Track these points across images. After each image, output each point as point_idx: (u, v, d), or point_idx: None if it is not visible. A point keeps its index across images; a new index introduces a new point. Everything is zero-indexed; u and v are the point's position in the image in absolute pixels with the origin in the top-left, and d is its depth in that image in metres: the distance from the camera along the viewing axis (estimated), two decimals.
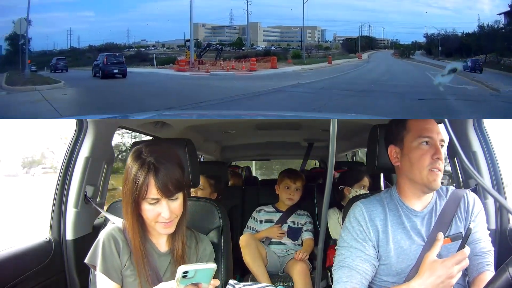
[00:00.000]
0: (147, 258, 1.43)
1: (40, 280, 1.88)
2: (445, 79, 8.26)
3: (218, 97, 6.20)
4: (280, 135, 3.90)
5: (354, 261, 1.46)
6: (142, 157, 1.37)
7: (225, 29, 14.10)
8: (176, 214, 1.41)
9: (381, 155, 1.70)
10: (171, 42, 13.77)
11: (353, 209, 1.56)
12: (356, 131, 3.51)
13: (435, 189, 1.50)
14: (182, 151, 1.79)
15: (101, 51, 12.16)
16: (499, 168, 2.01)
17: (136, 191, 1.34)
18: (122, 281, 1.44)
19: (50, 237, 2.06)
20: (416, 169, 1.49)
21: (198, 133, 3.46)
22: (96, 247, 1.43)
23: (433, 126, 1.52)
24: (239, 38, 13.90)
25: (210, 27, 14.18)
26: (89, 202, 2.14)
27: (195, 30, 13.10)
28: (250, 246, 2.56)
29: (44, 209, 2.35)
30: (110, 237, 1.44)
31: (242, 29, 13.98)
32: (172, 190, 1.36)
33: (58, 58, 10.75)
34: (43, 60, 11.48)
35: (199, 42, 13.15)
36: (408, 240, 1.49)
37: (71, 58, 12.87)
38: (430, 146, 1.49)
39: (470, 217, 1.53)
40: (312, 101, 6.00)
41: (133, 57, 12.92)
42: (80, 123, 2.16)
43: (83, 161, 2.13)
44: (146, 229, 1.47)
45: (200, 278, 1.24)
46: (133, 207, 1.38)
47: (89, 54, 12.93)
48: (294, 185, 2.81)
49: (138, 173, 1.34)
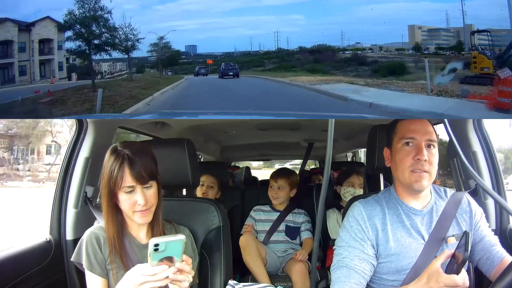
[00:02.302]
0: (125, 251, 1.51)
1: (40, 280, 1.88)
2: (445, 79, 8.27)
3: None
4: (280, 135, 3.90)
5: (353, 260, 1.47)
6: (117, 151, 1.47)
7: (440, 31, 12.56)
8: (152, 202, 1.48)
9: (381, 155, 1.71)
10: (388, 45, 12.93)
11: (351, 209, 1.57)
12: (356, 131, 3.52)
13: (419, 190, 1.50)
14: (182, 151, 1.79)
15: (312, 53, 12.66)
16: (499, 168, 2.01)
17: (112, 180, 1.43)
18: (108, 275, 1.52)
19: (50, 237, 2.06)
20: (400, 170, 1.51)
21: (198, 133, 3.46)
22: (80, 246, 1.53)
23: (418, 126, 1.52)
24: (459, 42, 12.03)
25: (426, 29, 12.83)
26: (88, 202, 2.14)
27: (411, 32, 12.35)
28: (250, 246, 2.56)
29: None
30: (92, 235, 1.54)
31: (457, 31, 12.20)
32: (146, 177, 1.44)
33: (200, 67, 13.69)
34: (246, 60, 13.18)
35: (418, 45, 12.23)
36: (408, 238, 1.49)
37: (277, 59, 13.38)
38: (413, 147, 1.49)
39: (475, 217, 1.55)
40: None
41: (349, 60, 12.31)
42: (80, 123, 2.16)
43: (83, 161, 2.13)
44: (125, 223, 1.55)
45: (171, 251, 1.28)
46: (109, 197, 1.46)
47: (299, 55, 13.05)
48: (276, 184, 2.85)
49: (114, 164, 1.44)
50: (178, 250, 1.29)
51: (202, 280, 1.72)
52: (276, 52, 13.69)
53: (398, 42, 12.50)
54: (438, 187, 1.62)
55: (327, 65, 12.00)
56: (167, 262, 1.29)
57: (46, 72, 10.33)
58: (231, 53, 14.51)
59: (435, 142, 1.51)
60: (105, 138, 2.28)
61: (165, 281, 1.30)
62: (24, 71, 9.79)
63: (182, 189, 2.60)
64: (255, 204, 2.98)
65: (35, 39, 9.71)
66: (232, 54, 14.50)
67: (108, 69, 13.79)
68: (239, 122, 3.24)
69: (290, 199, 2.88)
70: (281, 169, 3.09)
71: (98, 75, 12.89)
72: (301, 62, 12.63)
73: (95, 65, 13.05)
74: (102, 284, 1.50)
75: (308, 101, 7.66)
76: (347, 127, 3.31)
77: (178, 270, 1.30)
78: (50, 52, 10.25)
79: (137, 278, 1.30)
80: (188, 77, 12.92)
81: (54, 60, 10.36)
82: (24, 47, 9.57)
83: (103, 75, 13.46)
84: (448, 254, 1.30)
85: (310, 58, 12.74)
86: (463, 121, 2.09)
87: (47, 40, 10.04)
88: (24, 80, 9.70)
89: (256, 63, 13.83)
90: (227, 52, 14.53)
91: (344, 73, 11.26)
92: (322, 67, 11.85)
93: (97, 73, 12.75)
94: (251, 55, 14.11)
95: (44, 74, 10.28)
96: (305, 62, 12.55)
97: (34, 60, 9.83)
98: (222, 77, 12.39)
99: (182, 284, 1.33)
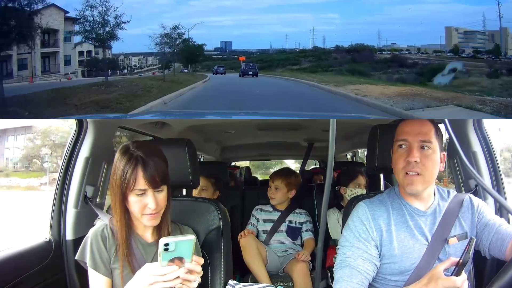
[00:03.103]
0: (131, 250, 1.50)
1: (40, 280, 1.88)
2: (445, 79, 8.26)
3: None
4: (280, 135, 3.90)
5: (356, 260, 1.47)
6: (130, 151, 1.45)
7: (476, 34, 12.10)
8: (161, 206, 1.48)
9: (381, 155, 1.71)
10: (425, 46, 12.36)
11: (356, 209, 1.57)
12: (356, 131, 3.52)
13: (412, 192, 1.50)
14: (182, 151, 1.79)
15: (349, 52, 12.36)
16: (499, 168, 2.01)
17: (124, 182, 1.41)
18: (112, 274, 1.50)
19: (50, 237, 2.06)
20: (396, 172, 1.53)
21: (198, 133, 3.46)
22: (85, 244, 1.52)
23: (411, 127, 1.50)
24: (496, 45, 11.55)
25: (462, 31, 12.37)
26: (89, 202, 2.14)
27: (447, 34, 11.89)
28: (250, 246, 2.56)
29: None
30: (97, 233, 1.52)
31: (491, 35, 11.76)
32: (158, 181, 1.44)
33: (218, 66, 13.96)
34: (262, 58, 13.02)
35: (457, 47, 11.69)
36: (411, 239, 1.49)
37: (314, 57, 13.14)
38: (405, 148, 1.49)
39: (476, 210, 1.55)
40: None
41: (388, 61, 11.81)
42: (80, 123, 2.16)
43: (83, 161, 2.13)
44: (132, 223, 1.54)
45: (181, 251, 1.28)
46: (121, 198, 1.45)
47: (336, 54, 12.76)
48: (273, 184, 2.84)
49: (127, 166, 1.42)
50: (188, 250, 1.29)
51: (202, 280, 1.72)
52: (312, 50, 13.50)
53: (435, 44, 12.04)
54: (442, 189, 1.62)
55: (366, 65, 11.57)
56: (177, 262, 1.28)
57: (51, 67, 9.50)
58: (266, 50, 14.42)
59: (430, 143, 1.48)
60: (105, 138, 2.28)
61: (175, 281, 1.29)
62: (25, 65, 9.01)
63: (182, 189, 2.60)
64: (255, 204, 2.98)
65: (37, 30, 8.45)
66: (267, 51, 14.41)
67: (138, 63, 13.64)
68: (239, 122, 3.24)
69: (291, 199, 2.88)
70: (280, 169, 3.08)
71: (126, 69, 12.58)
72: (339, 62, 12.33)
73: (123, 58, 12.85)
74: (105, 284, 1.49)
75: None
76: (347, 127, 3.30)
77: (189, 270, 1.30)
78: (56, 45, 9.45)
79: (147, 278, 1.30)
80: (212, 76, 12.87)
81: (60, 54, 9.53)
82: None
83: (132, 69, 13.17)
84: (452, 261, 1.29)
85: (347, 58, 12.42)
86: (463, 121, 2.09)
87: (52, 30, 9.09)
88: (22, 76, 8.79)
89: (292, 61, 13.62)
90: (262, 49, 14.46)
91: (387, 76, 10.69)
92: (361, 67, 11.41)
93: (123, 68, 12.45)
94: (287, 53, 13.96)
95: (48, 69, 9.44)
96: (342, 62, 12.23)
97: (36, 53, 9.03)
98: (242, 76, 12.88)
99: (192, 284, 1.33)
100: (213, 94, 9.35)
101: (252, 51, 14.52)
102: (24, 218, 9.76)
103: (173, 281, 1.29)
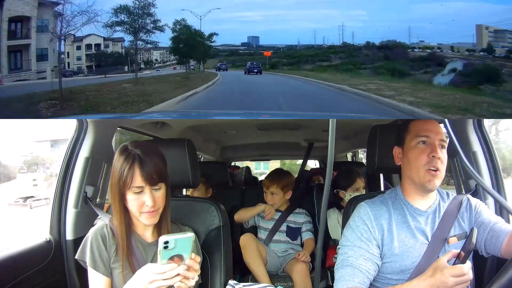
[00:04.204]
0: (131, 250, 1.50)
1: (40, 280, 1.88)
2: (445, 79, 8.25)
3: None
4: (280, 135, 3.90)
5: (358, 260, 1.47)
6: (128, 150, 1.47)
7: (505, 33, 11.61)
8: (159, 204, 1.48)
9: (381, 156, 1.71)
10: (455, 45, 11.74)
11: (358, 209, 1.58)
12: (356, 131, 3.52)
13: (431, 189, 1.52)
14: (182, 151, 1.79)
15: (381, 48, 12.00)
16: (499, 168, 2.02)
17: (122, 180, 1.43)
18: (112, 274, 1.51)
19: (50, 237, 2.06)
20: (414, 168, 1.52)
21: (198, 133, 3.46)
22: (85, 243, 1.53)
23: (431, 126, 1.54)
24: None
25: (492, 30, 11.85)
26: (89, 202, 2.14)
27: (478, 32, 11.38)
28: (250, 246, 2.56)
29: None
30: (97, 233, 1.53)
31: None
32: (155, 178, 1.44)
33: (221, 63, 14.94)
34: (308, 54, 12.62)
35: (491, 46, 11.00)
36: (412, 238, 1.50)
37: (344, 54, 12.71)
38: (427, 145, 1.51)
39: (474, 210, 1.56)
40: None
41: (424, 60, 10.99)
42: (80, 123, 2.16)
43: (83, 161, 2.13)
44: (132, 223, 1.55)
45: (180, 249, 1.29)
46: (119, 197, 1.46)
47: (367, 51, 12.28)
48: (268, 191, 2.82)
49: (124, 164, 1.43)
50: (187, 247, 1.30)
51: (202, 280, 1.72)
52: (341, 46, 13.20)
53: (465, 42, 11.51)
54: (442, 190, 1.64)
55: (401, 63, 10.77)
56: (177, 260, 1.29)
57: (24, 63, 6.91)
58: (294, 46, 14.29)
59: (445, 143, 1.53)
60: (105, 138, 2.28)
61: (175, 279, 1.30)
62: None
63: (182, 189, 2.60)
64: (255, 204, 2.97)
65: (4, 17, 6.25)
66: (294, 47, 14.27)
67: (160, 58, 13.50)
68: (239, 122, 3.24)
69: (290, 199, 2.87)
70: (271, 173, 2.96)
71: (147, 64, 12.36)
72: (370, 59, 11.87)
73: (144, 52, 12.66)
74: (105, 283, 1.50)
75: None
76: (347, 127, 3.30)
77: (188, 267, 1.31)
78: (27, 35, 6.94)
79: (147, 276, 1.31)
80: (223, 74, 12.74)
81: (31, 46, 7.00)
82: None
83: (153, 63, 12.99)
84: (454, 253, 1.30)
85: (379, 55, 11.96)
86: (463, 121, 2.09)
87: (23, 18, 6.55)
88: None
89: (321, 57, 13.24)
90: (290, 45, 14.34)
91: (428, 76, 9.84)
92: (396, 65, 10.58)
93: (142, 63, 12.20)
94: (315, 49, 13.78)
95: (20, 66, 6.85)
96: (374, 59, 11.76)
97: (2, 47, 6.61)
98: (248, 73, 13.43)
99: (191, 282, 1.34)
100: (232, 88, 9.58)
101: (279, 47, 14.45)
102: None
103: (173, 279, 1.30)
